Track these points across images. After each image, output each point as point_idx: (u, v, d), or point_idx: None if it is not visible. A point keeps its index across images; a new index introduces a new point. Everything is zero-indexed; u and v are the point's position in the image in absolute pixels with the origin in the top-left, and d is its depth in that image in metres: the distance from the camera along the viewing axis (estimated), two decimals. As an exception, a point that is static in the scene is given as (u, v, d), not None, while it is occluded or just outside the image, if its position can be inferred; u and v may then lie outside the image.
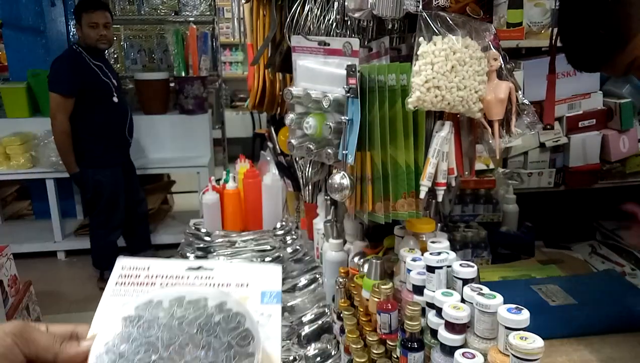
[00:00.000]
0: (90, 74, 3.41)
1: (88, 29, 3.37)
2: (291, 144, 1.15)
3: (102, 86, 3.45)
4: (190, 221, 2.09)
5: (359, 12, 1.04)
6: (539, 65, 1.62)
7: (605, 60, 0.95)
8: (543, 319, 1.08)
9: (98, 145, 3.51)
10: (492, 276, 1.40)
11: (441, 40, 0.95)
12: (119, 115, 3.59)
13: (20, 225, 4.78)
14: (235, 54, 7.48)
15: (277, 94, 1.83)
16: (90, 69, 3.42)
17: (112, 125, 3.57)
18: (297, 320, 1.31)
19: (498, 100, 1.01)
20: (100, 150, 3.52)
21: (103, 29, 3.41)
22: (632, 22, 0.89)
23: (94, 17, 3.36)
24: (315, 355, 1.17)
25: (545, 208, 1.85)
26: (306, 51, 1.17)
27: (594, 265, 1.65)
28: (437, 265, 0.91)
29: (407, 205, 1.05)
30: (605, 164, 1.82)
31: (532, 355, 0.67)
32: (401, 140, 1.02)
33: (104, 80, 3.46)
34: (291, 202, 1.97)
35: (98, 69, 3.45)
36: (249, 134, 6.99)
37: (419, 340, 0.87)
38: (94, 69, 3.43)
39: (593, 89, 1.78)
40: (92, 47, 3.44)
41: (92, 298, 3.62)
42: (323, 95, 1.08)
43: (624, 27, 0.89)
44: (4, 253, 2.72)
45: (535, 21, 1.49)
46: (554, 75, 1.21)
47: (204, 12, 4.86)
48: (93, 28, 3.37)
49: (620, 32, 0.90)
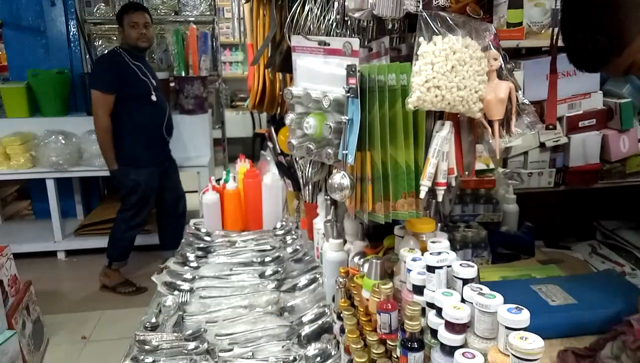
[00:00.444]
0: (129, 73, 3.54)
1: (129, 28, 3.55)
2: (291, 144, 1.15)
3: (140, 85, 3.58)
4: (191, 221, 2.09)
5: (359, 12, 1.04)
6: (539, 65, 1.62)
7: (604, 62, 0.98)
8: (543, 319, 1.08)
9: (136, 143, 3.61)
10: (492, 276, 1.40)
11: (441, 40, 0.95)
12: (157, 114, 3.70)
13: (20, 225, 4.78)
14: (235, 54, 7.48)
15: (277, 94, 1.83)
16: (129, 68, 3.55)
17: (150, 124, 3.68)
18: (297, 320, 1.32)
19: (498, 100, 1.01)
20: (138, 148, 3.61)
21: (143, 28, 3.58)
22: (628, 29, 0.92)
23: (134, 17, 3.55)
24: (315, 355, 1.17)
25: (545, 208, 1.85)
26: (306, 51, 1.17)
27: (594, 265, 1.65)
28: (437, 265, 0.91)
29: (407, 205, 1.05)
30: (605, 164, 1.81)
31: (532, 355, 0.67)
32: (401, 140, 1.02)
33: (142, 79, 3.59)
34: (291, 202, 1.98)
35: (137, 69, 3.59)
36: (249, 133, 6.99)
37: (419, 340, 0.87)
38: (133, 68, 3.57)
39: (593, 88, 1.78)
40: (133, 47, 3.58)
41: (92, 298, 3.65)
42: (323, 95, 1.08)
43: (621, 34, 0.93)
44: (4, 253, 2.72)
45: (535, 21, 1.49)
46: (555, 75, 1.21)
47: (204, 12, 4.86)
48: (134, 27, 3.55)
49: (617, 38, 0.93)
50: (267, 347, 1.24)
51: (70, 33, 4.56)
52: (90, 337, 3.15)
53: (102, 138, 3.53)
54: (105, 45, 4.87)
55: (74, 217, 4.71)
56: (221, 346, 1.25)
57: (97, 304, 3.53)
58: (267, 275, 1.59)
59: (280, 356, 1.21)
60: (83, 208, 4.76)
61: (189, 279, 1.58)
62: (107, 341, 3.10)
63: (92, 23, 4.79)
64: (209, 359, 1.21)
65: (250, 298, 1.45)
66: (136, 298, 3.57)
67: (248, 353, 1.22)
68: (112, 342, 3.06)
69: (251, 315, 1.37)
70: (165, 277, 1.58)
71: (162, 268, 1.66)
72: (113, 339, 3.08)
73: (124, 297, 3.63)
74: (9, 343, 2.47)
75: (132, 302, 3.52)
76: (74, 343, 3.08)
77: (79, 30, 4.57)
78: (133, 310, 3.31)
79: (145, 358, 1.21)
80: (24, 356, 2.61)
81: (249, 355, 1.22)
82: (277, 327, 1.30)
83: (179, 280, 1.58)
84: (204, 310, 1.41)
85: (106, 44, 4.87)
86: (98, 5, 4.70)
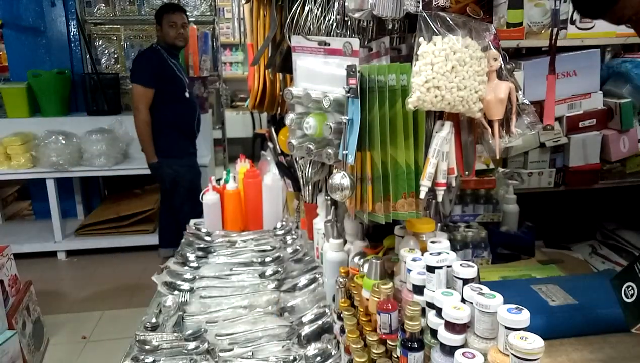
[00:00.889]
0: (167, 69, 3.67)
1: (168, 28, 3.68)
2: (291, 144, 1.15)
3: (177, 81, 3.72)
4: (191, 221, 2.09)
5: (359, 12, 1.04)
6: (539, 65, 1.61)
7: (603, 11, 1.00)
8: (543, 319, 1.09)
9: (174, 137, 3.72)
10: (492, 276, 1.40)
11: (441, 41, 0.95)
12: (190, 110, 3.84)
13: (20, 225, 4.78)
14: (235, 54, 7.48)
15: (277, 94, 1.83)
16: (168, 65, 3.68)
17: (185, 119, 3.81)
18: (297, 320, 1.32)
19: (498, 100, 1.02)
20: (175, 142, 3.73)
21: (181, 28, 3.72)
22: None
23: (173, 17, 3.68)
24: (315, 355, 1.17)
25: (545, 208, 1.85)
26: (306, 51, 1.17)
27: (594, 265, 1.65)
28: (437, 265, 0.91)
29: (407, 205, 1.05)
30: (605, 164, 1.81)
31: (532, 355, 0.67)
32: (401, 140, 1.02)
33: (178, 76, 3.73)
34: (291, 202, 1.98)
35: (174, 66, 3.73)
36: (249, 134, 6.99)
37: (419, 340, 0.87)
38: (171, 66, 3.70)
39: (593, 89, 1.78)
40: (171, 46, 3.71)
41: (92, 298, 3.65)
42: (323, 95, 1.08)
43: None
44: (4, 253, 2.72)
45: (535, 21, 1.49)
46: (554, 76, 1.21)
47: (204, 12, 4.87)
48: (172, 27, 3.68)
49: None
50: (267, 347, 1.24)
51: (70, 33, 4.56)
52: (90, 337, 3.15)
53: (143, 131, 3.63)
54: (105, 45, 4.88)
55: (74, 217, 4.71)
56: (221, 346, 1.25)
57: (97, 304, 3.54)
58: (267, 275, 1.59)
59: (280, 356, 1.21)
60: (83, 208, 4.77)
61: (189, 279, 1.58)
62: (107, 341, 3.10)
63: (92, 23, 4.79)
64: (209, 359, 1.21)
65: (250, 298, 1.45)
66: (136, 299, 3.57)
67: (248, 353, 1.22)
68: (112, 342, 3.06)
69: (251, 315, 1.37)
70: (165, 277, 1.58)
71: (162, 268, 1.66)
72: (113, 339, 3.08)
73: (124, 297, 3.63)
74: (9, 343, 2.47)
75: (132, 302, 3.52)
76: (74, 343, 3.08)
77: (79, 30, 4.57)
78: (133, 310, 3.31)
79: (145, 358, 1.21)
80: (24, 356, 2.61)
81: (249, 355, 1.22)
82: (277, 327, 1.30)
83: (179, 280, 1.58)
84: (204, 310, 1.41)
85: (106, 44, 4.87)
86: (98, 5, 4.70)
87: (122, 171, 4.31)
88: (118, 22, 4.81)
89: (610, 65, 1.84)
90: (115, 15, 4.75)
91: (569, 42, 1.64)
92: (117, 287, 3.77)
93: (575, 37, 1.64)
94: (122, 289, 3.73)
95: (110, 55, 4.89)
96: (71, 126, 4.29)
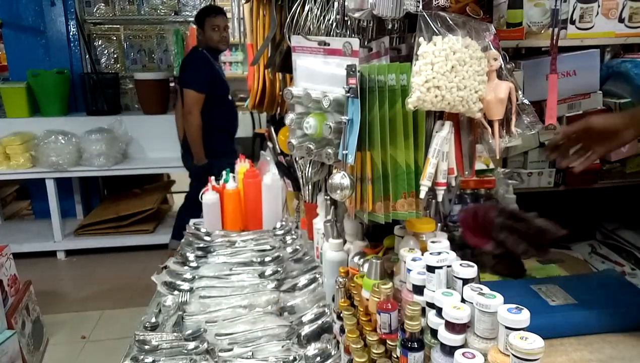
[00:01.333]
0: (215, 73, 3.70)
1: (211, 31, 3.66)
2: (291, 144, 1.15)
3: (224, 85, 3.77)
4: (190, 221, 2.09)
5: (359, 12, 1.04)
6: (539, 65, 1.61)
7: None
8: (543, 319, 1.08)
9: (222, 138, 3.79)
10: (492, 276, 1.40)
11: (441, 40, 0.95)
12: (233, 112, 3.91)
13: (20, 225, 4.78)
14: (235, 54, 7.47)
15: (277, 94, 1.83)
16: (215, 69, 3.70)
17: (230, 120, 3.89)
18: (297, 320, 1.31)
19: (498, 100, 1.02)
20: (224, 142, 3.80)
21: (224, 31, 3.72)
22: None
23: (216, 20, 3.67)
24: (315, 355, 1.17)
25: (545, 208, 1.85)
26: (306, 51, 1.17)
27: (594, 265, 1.65)
28: (437, 265, 0.91)
29: (407, 205, 1.05)
30: (605, 164, 1.81)
31: (532, 355, 0.67)
32: (401, 140, 1.02)
33: (223, 80, 3.77)
34: (291, 201, 1.97)
35: (219, 69, 3.76)
36: (249, 133, 6.97)
37: (419, 340, 0.87)
38: (217, 69, 3.73)
39: (593, 89, 1.78)
40: (214, 49, 3.71)
41: (92, 298, 3.65)
42: (323, 95, 1.08)
43: None
44: (4, 253, 2.72)
45: (535, 21, 1.49)
46: (555, 76, 1.21)
47: (204, 12, 4.86)
48: (215, 30, 3.67)
49: None
50: (267, 347, 1.24)
51: (70, 33, 4.56)
52: (90, 337, 3.15)
53: (196, 134, 3.63)
54: (104, 45, 4.88)
55: (73, 217, 4.71)
56: (221, 346, 1.24)
57: (97, 304, 3.53)
58: (267, 275, 1.59)
59: (280, 356, 1.21)
60: (83, 208, 4.77)
61: (188, 279, 1.58)
62: (107, 341, 3.10)
63: (92, 23, 4.79)
64: (208, 359, 1.21)
65: (250, 298, 1.45)
66: (136, 298, 3.57)
67: (248, 353, 1.22)
68: (111, 342, 3.06)
69: (251, 315, 1.37)
70: (165, 277, 1.58)
71: (162, 268, 1.66)
72: (113, 339, 3.08)
73: (123, 296, 3.63)
74: (8, 343, 2.47)
75: (132, 301, 3.52)
76: (74, 343, 3.08)
77: (78, 30, 4.57)
78: (132, 310, 3.31)
79: (145, 358, 1.21)
80: (23, 356, 2.61)
81: (249, 355, 1.22)
82: (277, 326, 1.30)
83: (178, 280, 1.58)
84: (203, 310, 1.40)
85: (106, 44, 4.88)
86: (98, 5, 4.71)
87: (122, 171, 4.32)
88: (117, 22, 4.82)
89: (610, 65, 1.84)
90: (114, 15, 4.75)
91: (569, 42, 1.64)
92: (116, 287, 3.77)
93: (575, 37, 1.63)
94: (121, 289, 3.73)
95: (110, 55, 4.89)
96: (71, 126, 4.29)
